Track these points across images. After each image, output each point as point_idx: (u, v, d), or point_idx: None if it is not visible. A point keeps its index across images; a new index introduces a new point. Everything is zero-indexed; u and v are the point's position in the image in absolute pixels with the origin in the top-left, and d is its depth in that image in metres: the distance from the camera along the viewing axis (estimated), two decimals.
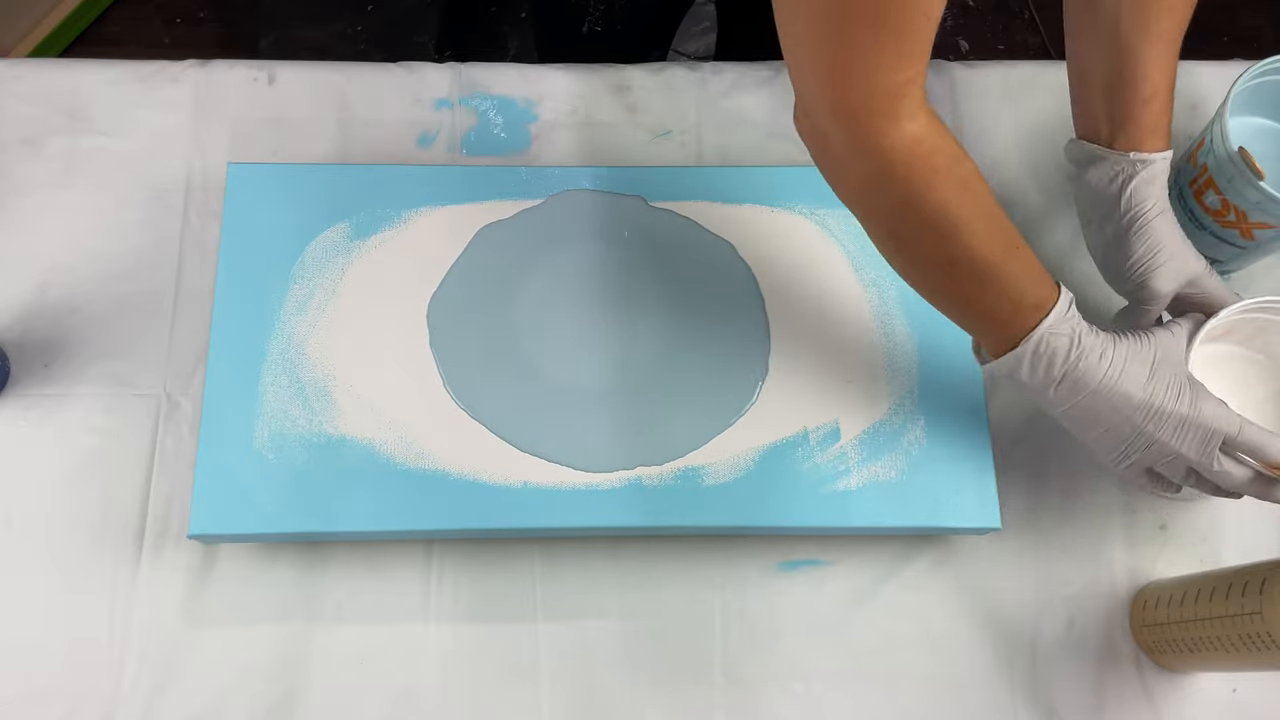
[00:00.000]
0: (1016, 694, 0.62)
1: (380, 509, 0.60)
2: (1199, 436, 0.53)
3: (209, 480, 0.60)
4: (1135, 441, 0.54)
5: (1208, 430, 0.53)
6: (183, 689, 0.61)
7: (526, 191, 0.67)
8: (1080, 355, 0.53)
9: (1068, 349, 0.52)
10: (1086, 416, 0.54)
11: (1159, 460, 0.55)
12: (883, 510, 0.61)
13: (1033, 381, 0.54)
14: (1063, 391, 0.54)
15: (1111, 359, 0.53)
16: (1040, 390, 0.54)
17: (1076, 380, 0.53)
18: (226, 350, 0.63)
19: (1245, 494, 0.55)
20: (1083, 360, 0.53)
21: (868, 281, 0.66)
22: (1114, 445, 0.55)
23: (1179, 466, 0.55)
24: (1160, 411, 0.53)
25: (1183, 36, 0.60)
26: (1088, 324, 0.54)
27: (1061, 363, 0.53)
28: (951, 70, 0.76)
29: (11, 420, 0.65)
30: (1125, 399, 0.53)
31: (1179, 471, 0.55)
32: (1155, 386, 0.53)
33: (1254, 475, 0.54)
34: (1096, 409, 0.54)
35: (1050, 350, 0.52)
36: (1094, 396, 0.53)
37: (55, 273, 0.69)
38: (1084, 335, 0.53)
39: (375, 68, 0.76)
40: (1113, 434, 0.54)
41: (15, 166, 0.71)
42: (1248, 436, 0.53)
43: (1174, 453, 0.53)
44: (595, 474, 0.61)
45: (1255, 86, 0.66)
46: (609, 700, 0.62)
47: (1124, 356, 0.53)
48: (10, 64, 0.74)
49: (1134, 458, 0.55)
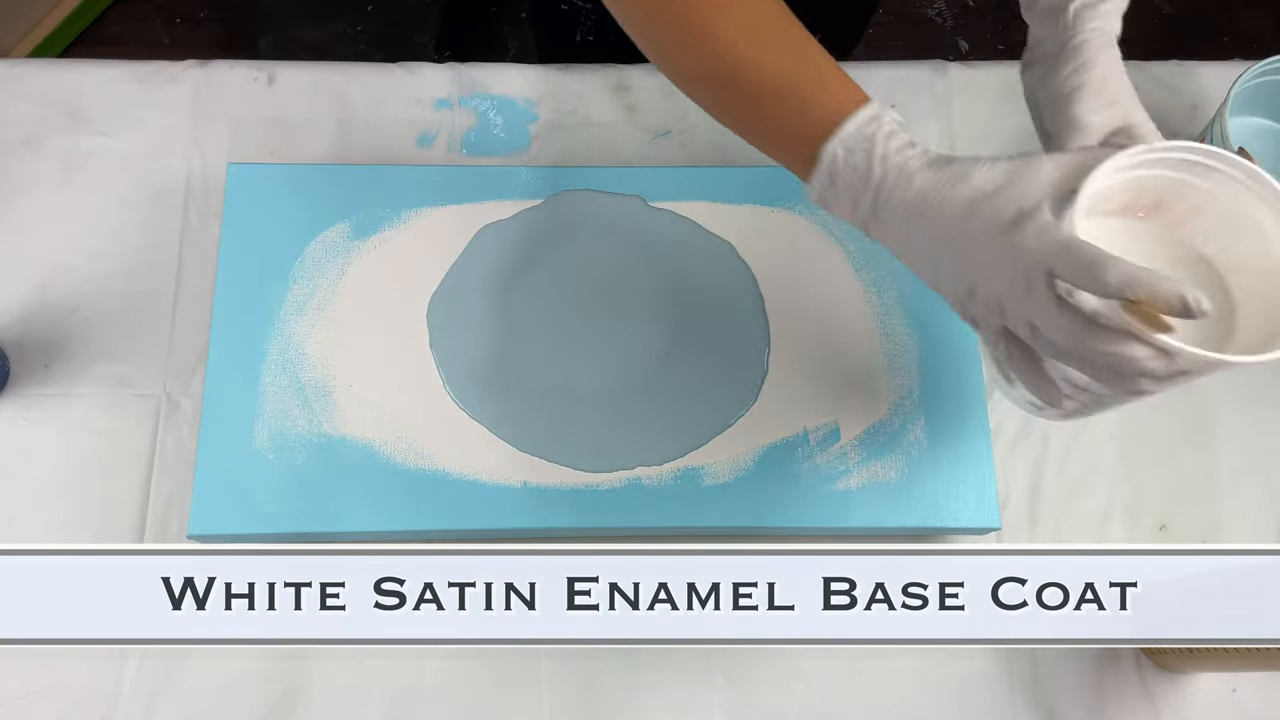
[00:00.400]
0: (1016, 694, 0.62)
1: (380, 509, 0.60)
2: (1012, 263, 0.41)
3: (209, 480, 0.60)
4: (960, 284, 0.44)
5: (1022, 254, 0.41)
6: (183, 689, 0.61)
7: (526, 191, 0.67)
8: (890, 172, 0.44)
9: (866, 166, 0.44)
10: (922, 252, 0.45)
11: (991, 315, 0.44)
12: (883, 510, 0.61)
13: (851, 213, 0.46)
14: (883, 223, 0.45)
15: (938, 179, 0.43)
16: (865, 226, 0.46)
17: (890, 204, 0.44)
18: (226, 350, 0.63)
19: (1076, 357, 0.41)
20: (893, 177, 0.44)
21: (868, 281, 0.66)
22: (957, 287, 0.44)
23: (1020, 328, 0.43)
24: (974, 236, 0.42)
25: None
26: (919, 144, 0.45)
27: (865, 184, 0.44)
28: (951, 70, 0.76)
29: (11, 420, 0.66)
30: (939, 222, 0.43)
31: (1026, 328, 0.43)
32: (979, 209, 0.42)
33: (1085, 326, 0.40)
34: (927, 239, 0.44)
35: (851, 169, 0.44)
36: (918, 223, 0.44)
37: (55, 273, 0.69)
38: (896, 152, 0.44)
39: (375, 68, 0.76)
40: (942, 277, 0.45)
41: (15, 166, 0.71)
42: (1076, 258, 0.39)
43: (994, 296, 0.43)
44: (595, 474, 0.61)
45: (1255, 86, 0.66)
46: (609, 700, 0.62)
47: (956, 175, 0.43)
48: (10, 64, 0.74)
49: (970, 315, 0.45)
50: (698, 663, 0.62)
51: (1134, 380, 0.41)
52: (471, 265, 0.65)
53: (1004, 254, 0.41)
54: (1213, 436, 0.68)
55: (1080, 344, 0.40)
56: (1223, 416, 0.68)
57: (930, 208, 0.43)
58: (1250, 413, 0.68)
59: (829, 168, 0.45)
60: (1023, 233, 0.41)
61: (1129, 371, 0.40)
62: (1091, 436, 0.67)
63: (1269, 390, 0.69)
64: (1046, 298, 0.40)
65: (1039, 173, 0.43)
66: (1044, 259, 0.40)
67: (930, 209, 0.43)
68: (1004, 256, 0.41)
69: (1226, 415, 0.68)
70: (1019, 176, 0.43)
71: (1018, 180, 0.42)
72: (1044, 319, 0.40)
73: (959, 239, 0.43)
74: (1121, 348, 0.39)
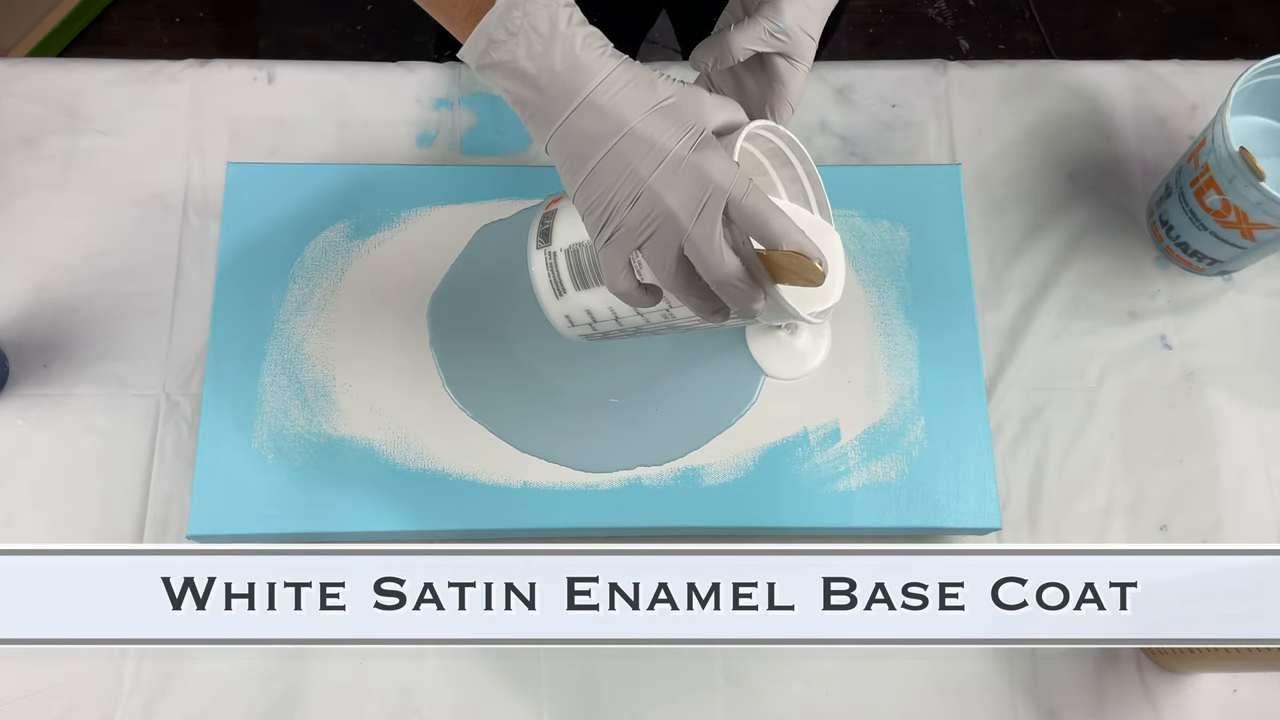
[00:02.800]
0: (1016, 694, 0.62)
1: (380, 509, 0.60)
2: (697, 185, 0.42)
3: (208, 480, 0.60)
4: (621, 188, 0.43)
5: (708, 181, 0.42)
6: (183, 689, 0.61)
7: (526, 191, 0.67)
8: (560, 55, 0.42)
9: (550, 29, 0.42)
10: (575, 148, 0.43)
11: (646, 227, 0.43)
12: (883, 510, 0.61)
13: (514, 81, 0.43)
14: (548, 97, 0.43)
15: (610, 73, 0.43)
16: (523, 103, 0.44)
17: (555, 88, 0.43)
18: (226, 350, 0.63)
19: (731, 297, 0.44)
20: (564, 60, 0.42)
21: (868, 281, 0.66)
22: (599, 197, 0.44)
23: (668, 249, 0.43)
24: (656, 146, 0.42)
25: None
26: (593, 32, 0.43)
27: (531, 60, 0.43)
28: (951, 70, 0.76)
29: (11, 420, 0.65)
30: (617, 123, 0.42)
31: (668, 259, 0.43)
32: (659, 121, 0.42)
33: (741, 266, 0.43)
34: (584, 134, 0.43)
35: (532, 28, 0.42)
36: (579, 116, 0.43)
37: (55, 273, 0.69)
38: (579, 24, 0.43)
39: (375, 67, 0.76)
40: (598, 177, 0.43)
41: (15, 166, 0.71)
42: (753, 202, 0.42)
43: (665, 210, 0.42)
44: (595, 474, 0.61)
45: (1255, 86, 0.66)
46: (609, 700, 0.62)
47: (629, 76, 0.43)
48: (10, 64, 0.74)
49: (618, 221, 0.43)
50: (698, 663, 0.62)
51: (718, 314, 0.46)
52: (471, 265, 0.65)
53: (686, 173, 0.42)
54: (1213, 436, 0.68)
55: (728, 279, 0.43)
56: (1223, 417, 0.68)
57: (614, 104, 0.43)
58: (1250, 413, 0.68)
59: (501, 17, 0.42)
60: (710, 159, 0.42)
61: (741, 306, 0.45)
62: (1092, 436, 0.67)
63: (1269, 391, 0.69)
64: (714, 228, 0.42)
65: (704, 106, 0.44)
66: (723, 190, 0.42)
67: (614, 105, 0.43)
68: (686, 176, 0.42)
69: (1227, 415, 0.68)
70: (691, 102, 0.44)
71: (690, 104, 0.43)
72: (703, 247, 0.43)
73: (640, 144, 0.42)
74: (753, 288, 0.44)
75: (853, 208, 0.67)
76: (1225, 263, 0.69)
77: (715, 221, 0.42)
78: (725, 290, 0.44)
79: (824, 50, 0.50)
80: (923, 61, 0.77)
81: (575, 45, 0.43)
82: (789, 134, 0.50)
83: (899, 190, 0.68)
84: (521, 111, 0.45)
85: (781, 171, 0.53)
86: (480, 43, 0.43)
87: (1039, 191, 0.74)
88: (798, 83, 0.49)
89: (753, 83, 0.51)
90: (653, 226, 0.43)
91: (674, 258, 0.43)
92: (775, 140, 0.51)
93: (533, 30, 0.42)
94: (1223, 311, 0.71)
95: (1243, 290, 0.71)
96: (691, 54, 0.49)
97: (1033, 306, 0.70)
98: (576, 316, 0.53)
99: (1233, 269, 0.71)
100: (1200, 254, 0.69)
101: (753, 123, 0.47)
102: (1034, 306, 0.70)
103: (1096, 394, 0.68)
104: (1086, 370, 0.69)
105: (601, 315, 0.52)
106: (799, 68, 0.49)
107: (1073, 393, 0.68)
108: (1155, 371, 0.69)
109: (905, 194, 0.67)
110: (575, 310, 0.52)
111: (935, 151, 0.74)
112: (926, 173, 0.69)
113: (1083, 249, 0.72)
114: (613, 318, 0.52)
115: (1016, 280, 0.71)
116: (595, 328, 0.53)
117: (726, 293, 0.44)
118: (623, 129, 0.43)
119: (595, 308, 0.52)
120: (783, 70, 0.49)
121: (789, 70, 0.49)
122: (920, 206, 0.67)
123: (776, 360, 0.63)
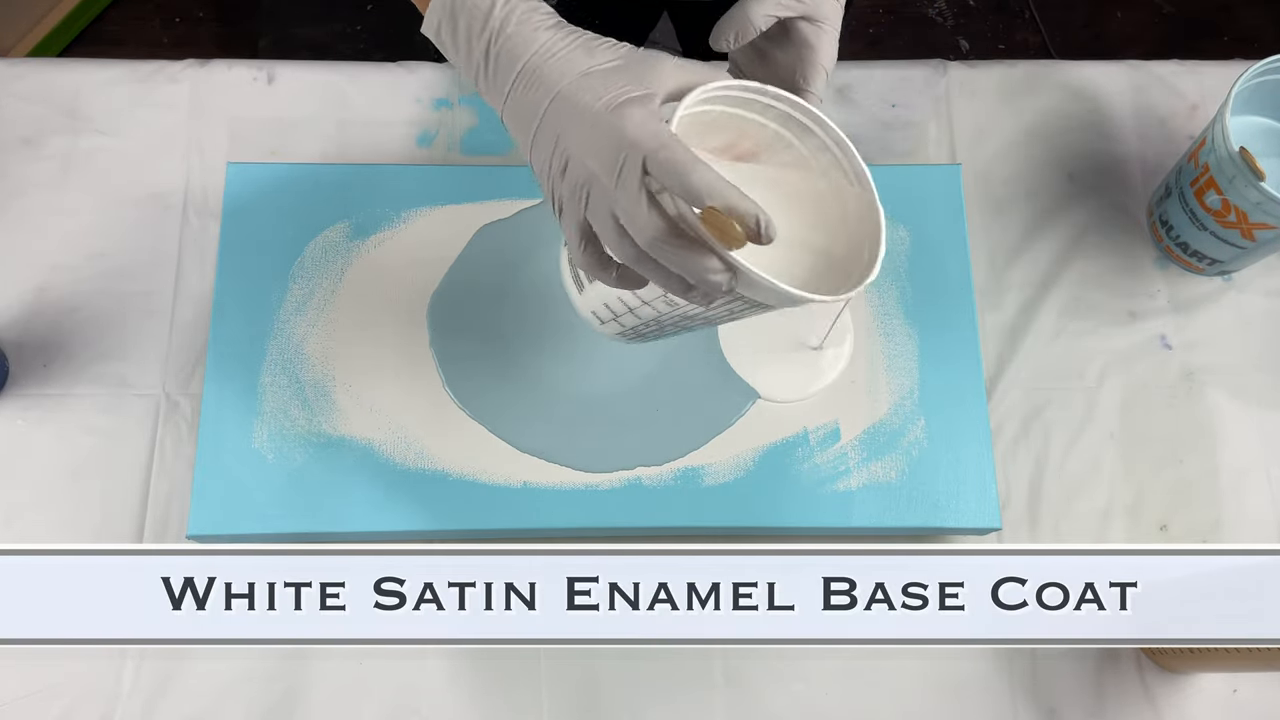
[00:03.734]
0: (1016, 694, 0.62)
1: (380, 509, 0.60)
2: (613, 144, 0.40)
3: (208, 480, 0.60)
4: (555, 157, 0.42)
5: (623, 138, 0.40)
6: (183, 689, 0.61)
7: (526, 191, 0.67)
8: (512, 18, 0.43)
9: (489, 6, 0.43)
10: (526, 116, 0.43)
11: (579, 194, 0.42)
12: (883, 510, 0.61)
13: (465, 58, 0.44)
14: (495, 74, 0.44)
15: (545, 42, 0.43)
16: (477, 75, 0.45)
17: (506, 54, 0.43)
18: (226, 350, 0.63)
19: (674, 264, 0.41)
20: (514, 25, 0.43)
21: None
22: (540, 169, 0.44)
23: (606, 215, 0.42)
24: (579, 108, 0.41)
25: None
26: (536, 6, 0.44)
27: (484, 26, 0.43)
28: (951, 70, 0.76)
29: (11, 420, 0.65)
30: (548, 90, 0.42)
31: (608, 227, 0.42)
32: (589, 84, 0.42)
33: (667, 226, 0.40)
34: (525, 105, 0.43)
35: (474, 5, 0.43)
36: (519, 86, 0.43)
37: (55, 273, 0.69)
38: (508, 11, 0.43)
39: (375, 68, 0.76)
40: (538, 149, 0.43)
41: (15, 166, 0.71)
42: (670, 155, 0.39)
43: (589, 174, 0.41)
44: (595, 474, 0.61)
45: (1255, 86, 0.66)
46: (609, 700, 0.62)
47: (566, 44, 0.43)
48: (10, 64, 0.74)
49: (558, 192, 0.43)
50: (698, 663, 0.62)
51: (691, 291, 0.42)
52: (471, 265, 0.65)
53: (604, 132, 0.40)
54: (1213, 436, 0.68)
55: (657, 241, 0.40)
56: (1223, 417, 0.68)
57: (548, 69, 0.42)
58: (1250, 413, 0.68)
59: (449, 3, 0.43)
60: (628, 116, 0.40)
61: (694, 275, 0.40)
62: (1092, 436, 0.67)
63: (1269, 391, 0.69)
64: (636, 186, 0.40)
65: (660, 69, 0.42)
66: (640, 146, 0.39)
67: (547, 70, 0.42)
68: (603, 135, 0.40)
69: (1227, 415, 0.68)
70: (641, 65, 0.42)
71: (638, 68, 0.42)
72: (629, 208, 0.40)
73: (565, 107, 0.42)
74: (694, 252, 0.40)
75: None
76: (1225, 263, 0.69)
77: (635, 180, 0.40)
78: (663, 255, 0.40)
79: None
80: (923, 61, 0.77)
81: (513, 18, 0.43)
82: (794, 98, 0.46)
83: (899, 190, 0.68)
84: (479, 90, 0.45)
85: (806, 141, 0.47)
86: (433, 21, 0.44)
87: (1039, 191, 0.74)
88: (827, 44, 0.47)
89: (780, 54, 0.48)
90: (584, 193, 0.42)
91: (612, 226, 0.41)
92: (782, 107, 0.46)
93: (474, 6, 0.43)
94: (1223, 311, 0.71)
95: (1243, 290, 0.71)
96: (712, 34, 0.48)
97: (1033, 306, 0.70)
98: (600, 311, 0.51)
99: (1233, 269, 0.71)
100: (1200, 254, 0.69)
101: (716, 83, 0.43)
102: (1034, 306, 0.70)
103: (1096, 394, 0.68)
104: (1086, 370, 0.69)
105: (617, 309, 0.50)
106: (825, 28, 0.47)
107: (1073, 393, 0.68)
108: (1155, 371, 0.69)
109: (905, 194, 0.67)
110: (596, 304, 0.51)
111: (935, 151, 0.74)
112: (926, 173, 0.69)
113: (1083, 249, 0.72)
114: (626, 309, 0.50)
115: (1016, 280, 0.71)
116: (621, 323, 0.51)
117: (666, 258, 0.40)
118: (551, 95, 0.42)
119: (609, 300, 0.50)
120: (809, 34, 0.47)
121: (815, 32, 0.47)
122: (920, 206, 0.67)
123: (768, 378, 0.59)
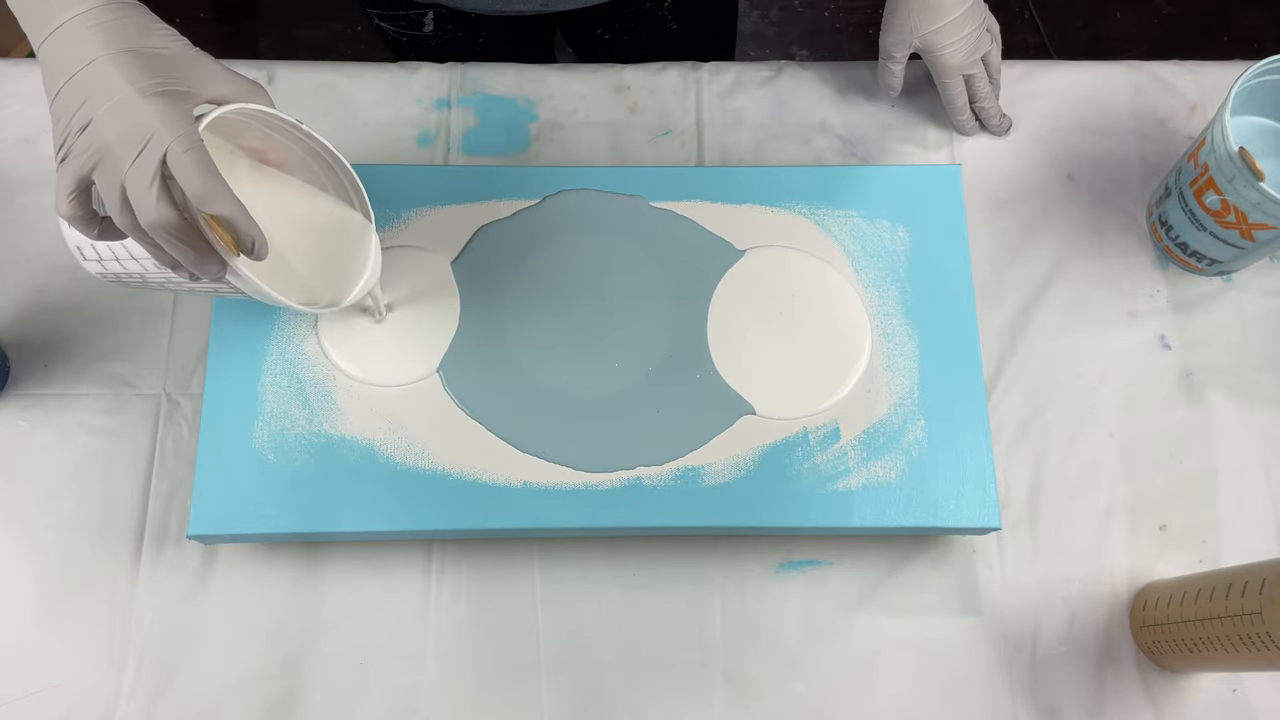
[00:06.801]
0: (1016, 694, 0.62)
1: (380, 509, 0.60)
2: (140, 127, 0.43)
3: (209, 480, 0.60)
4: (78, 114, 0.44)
5: (151, 125, 0.42)
6: (183, 689, 0.61)
7: (526, 191, 0.67)
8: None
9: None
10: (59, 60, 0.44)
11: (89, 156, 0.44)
12: (883, 510, 0.61)
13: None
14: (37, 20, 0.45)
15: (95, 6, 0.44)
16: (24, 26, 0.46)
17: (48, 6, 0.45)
18: (226, 350, 0.63)
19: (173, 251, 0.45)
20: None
21: (867, 281, 0.66)
22: (58, 117, 0.45)
23: (113, 185, 0.43)
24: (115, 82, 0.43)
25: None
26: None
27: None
28: None
29: (11, 420, 0.65)
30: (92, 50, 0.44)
31: (113, 196, 0.44)
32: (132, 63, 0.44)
33: (173, 218, 0.43)
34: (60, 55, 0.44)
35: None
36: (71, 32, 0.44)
37: (55, 273, 0.69)
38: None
39: (375, 68, 0.76)
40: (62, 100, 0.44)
41: (15, 166, 0.71)
42: (191, 159, 0.43)
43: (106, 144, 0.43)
44: (595, 474, 0.61)
45: (1255, 86, 0.66)
46: (609, 700, 0.62)
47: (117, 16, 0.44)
48: (10, 64, 0.74)
49: (70, 145, 0.44)
50: (698, 662, 0.62)
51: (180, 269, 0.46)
52: (471, 265, 0.65)
53: (132, 115, 0.43)
54: (1213, 436, 0.68)
55: (157, 226, 0.43)
56: (1223, 417, 0.68)
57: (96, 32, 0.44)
58: (1250, 413, 0.68)
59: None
60: (160, 108, 0.43)
61: (187, 262, 0.45)
62: (1092, 436, 0.67)
63: (1269, 390, 0.69)
64: (150, 176, 0.43)
65: (206, 73, 0.46)
66: (164, 140, 0.42)
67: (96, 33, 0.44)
68: (131, 117, 0.43)
69: (1226, 415, 0.68)
70: (190, 63, 0.45)
71: (187, 65, 0.45)
72: (137, 192, 0.43)
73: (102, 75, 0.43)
74: (190, 245, 0.45)
75: (853, 208, 0.67)
76: (1225, 263, 0.69)
77: (151, 166, 0.42)
78: (162, 240, 0.44)
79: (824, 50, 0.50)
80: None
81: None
82: (323, 140, 0.52)
83: (899, 190, 0.68)
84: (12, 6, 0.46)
85: (328, 175, 0.55)
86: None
87: (1039, 191, 0.74)
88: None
89: None
90: (95, 158, 0.43)
91: (118, 196, 0.44)
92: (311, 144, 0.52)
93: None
94: (1223, 311, 0.71)
95: (1243, 290, 0.71)
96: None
97: (1033, 306, 0.70)
98: (85, 250, 0.52)
99: (1232, 269, 0.71)
100: (1200, 254, 0.69)
101: (255, 105, 0.47)
102: (1034, 306, 0.70)
103: (1096, 394, 0.68)
104: (1086, 370, 0.69)
105: (104, 252, 0.51)
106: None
107: (1073, 393, 0.68)
108: (1155, 371, 0.69)
109: (905, 194, 0.68)
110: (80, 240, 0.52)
111: (935, 152, 0.74)
112: (926, 173, 0.69)
113: (1083, 249, 0.72)
114: (112, 256, 0.51)
115: (1016, 280, 0.71)
116: (104, 267, 0.52)
117: (166, 244, 0.44)
118: (90, 59, 0.43)
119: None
120: None
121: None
122: (920, 206, 0.67)
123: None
